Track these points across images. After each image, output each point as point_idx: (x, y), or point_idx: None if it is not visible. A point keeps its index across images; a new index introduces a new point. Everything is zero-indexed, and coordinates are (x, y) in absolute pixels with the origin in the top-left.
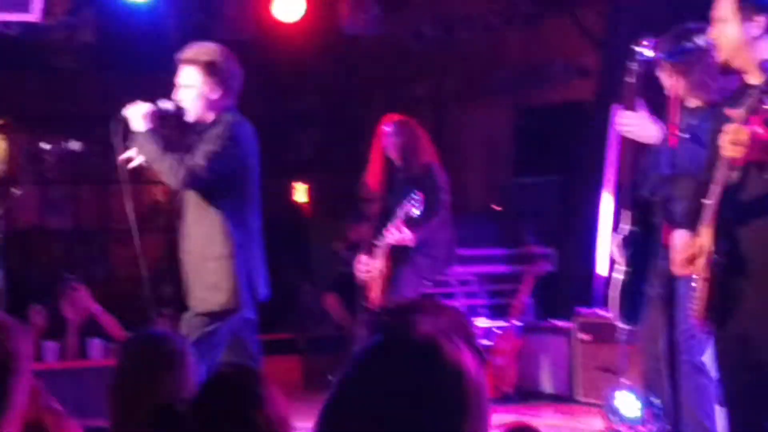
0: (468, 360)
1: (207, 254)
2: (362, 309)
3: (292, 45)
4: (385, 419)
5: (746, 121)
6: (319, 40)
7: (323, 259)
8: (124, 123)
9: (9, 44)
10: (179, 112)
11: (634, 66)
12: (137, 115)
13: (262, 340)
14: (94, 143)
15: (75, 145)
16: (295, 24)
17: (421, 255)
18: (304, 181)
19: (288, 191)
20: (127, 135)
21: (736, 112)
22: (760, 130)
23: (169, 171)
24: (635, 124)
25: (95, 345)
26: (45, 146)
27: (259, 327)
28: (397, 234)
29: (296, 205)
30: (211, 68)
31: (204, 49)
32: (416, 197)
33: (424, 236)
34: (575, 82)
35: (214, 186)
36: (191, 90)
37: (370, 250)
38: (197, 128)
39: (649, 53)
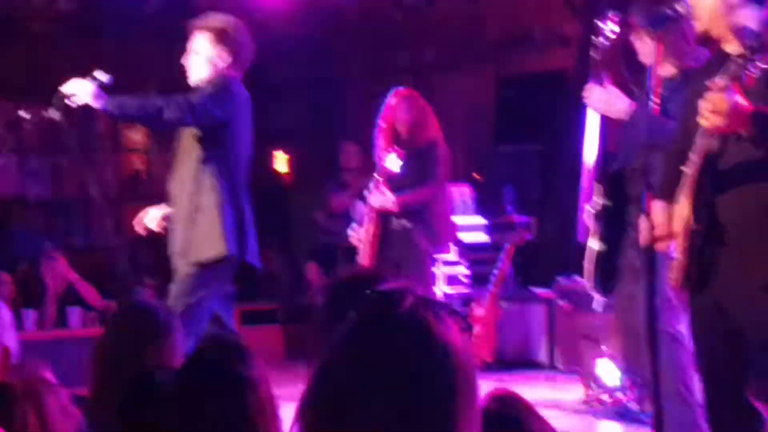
0: (455, 334)
1: (196, 204)
2: None
3: (273, 14)
4: (374, 397)
5: (727, 90)
6: (298, 10)
7: (303, 228)
8: (64, 98)
9: None
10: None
11: (600, 41)
12: (85, 96)
13: (244, 310)
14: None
15: (55, 114)
16: None
17: (423, 234)
18: (285, 150)
19: (268, 160)
20: (68, 110)
21: (718, 82)
22: (741, 99)
23: (157, 110)
24: (603, 99)
25: (75, 314)
26: (25, 115)
27: (238, 297)
28: (379, 197)
29: (277, 174)
30: (222, 36)
31: (218, 18)
32: (394, 157)
33: (410, 204)
34: (556, 50)
35: (205, 135)
36: (200, 55)
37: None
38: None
39: (615, 28)
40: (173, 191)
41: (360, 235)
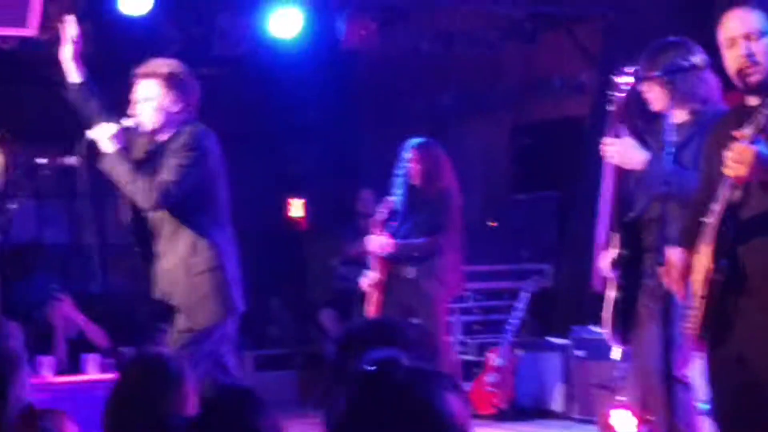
0: (452, 400)
1: (192, 269)
2: None
3: (289, 60)
4: None
5: (752, 141)
6: (316, 56)
7: (320, 274)
8: (89, 144)
9: (6, 58)
10: (136, 125)
11: (615, 94)
12: (104, 136)
13: (258, 355)
14: (92, 158)
15: (72, 160)
16: (293, 39)
17: (431, 283)
18: (301, 196)
19: (285, 206)
20: (92, 156)
21: (744, 132)
22: (764, 149)
23: (141, 192)
24: (620, 152)
25: (91, 360)
26: (41, 161)
27: (255, 343)
28: (374, 240)
29: (292, 221)
30: (171, 81)
31: (163, 62)
32: (386, 202)
33: (413, 251)
34: (572, 98)
35: (188, 199)
36: (150, 103)
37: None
38: (158, 144)
39: (629, 80)
40: (159, 248)
41: (369, 281)
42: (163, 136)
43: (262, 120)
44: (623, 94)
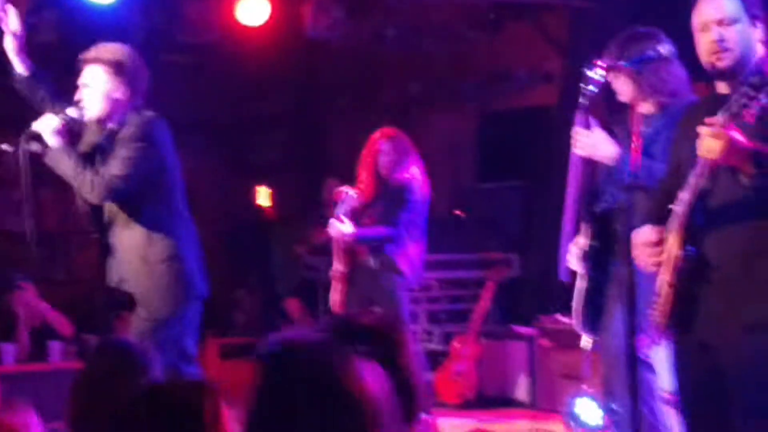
0: (363, 375)
1: (150, 258)
2: (325, 313)
3: (256, 48)
4: None
5: (725, 126)
6: (283, 44)
7: (285, 262)
8: (34, 136)
9: None
10: (81, 114)
11: (587, 89)
12: (48, 129)
13: (223, 344)
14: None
15: (35, 147)
16: (259, 27)
17: (390, 273)
18: (268, 185)
19: (251, 194)
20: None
21: (717, 118)
22: (739, 135)
23: (87, 186)
24: (590, 144)
25: (55, 348)
26: (7, 148)
27: (219, 331)
28: (335, 225)
29: (259, 209)
30: (117, 67)
31: (110, 48)
32: (351, 192)
33: (369, 240)
34: (539, 87)
35: (139, 191)
36: (96, 89)
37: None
38: (104, 132)
39: (602, 73)
40: (115, 237)
41: (333, 272)
42: (111, 124)
43: (229, 108)
44: (595, 87)
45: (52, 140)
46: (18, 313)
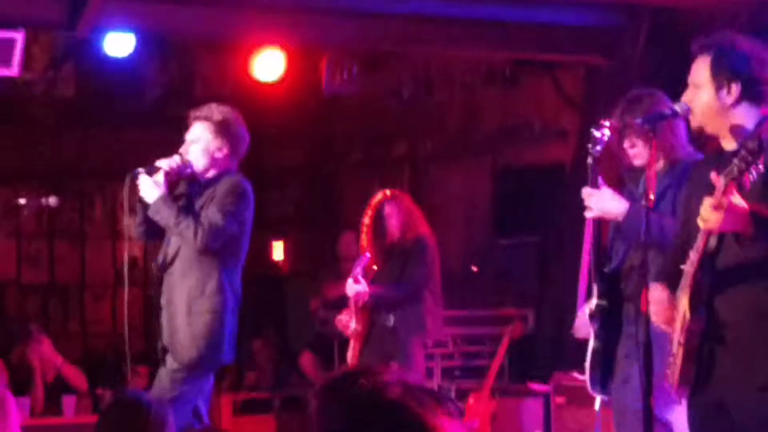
0: (441, 420)
1: (195, 307)
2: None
3: (271, 104)
4: None
5: (725, 191)
6: (298, 99)
7: (299, 316)
8: (134, 183)
9: None
10: (182, 164)
11: (594, 148)
12: (148, 185)
13: (236, 399)
14: (72, 198)
15: (52, 200)
16: (275, 83)
17: (408, 330)
18: (282, 239)
19: (266, 249)
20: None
21: (717, 180)
22: (737, 200)
23: (191, 233)
24: (598, 203)
25: (69, 401)
26: (22, 201)
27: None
28: (353, 285)
29: (273, 263)
30: (222, 127)
31: (219, 109)
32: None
33: (386, 299)
34: (553, 143)
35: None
36: (199, 145)
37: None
38: (201, 184)
39: (608, 132)
40: (171, 279)
41: (348, 326)
42: (207, 175)
43: (243, 162)
44: (601, 146)
45: (152, 193)
46: (34, 366)
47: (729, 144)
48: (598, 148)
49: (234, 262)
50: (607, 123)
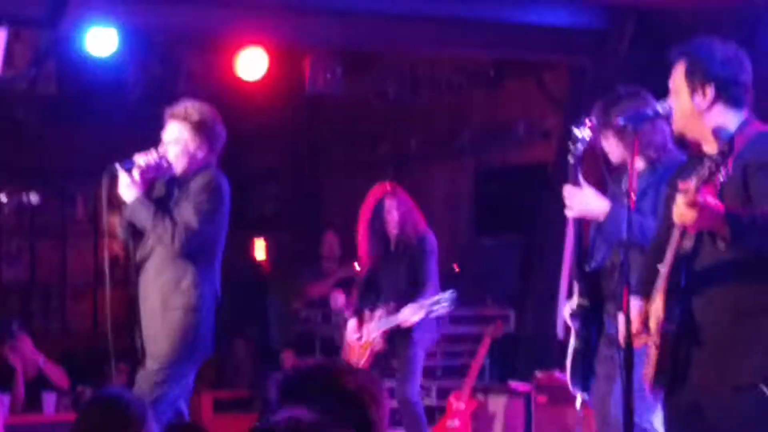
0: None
1: (170, 304)
2: None
3: (254, 102)
4: None
5: (698, 191)
6: (281, 98)
7: (281, 315)
8: (113, 176)
9: None
10: (160, 161)
11: (575, 148)
12: (125, 185)
13: (217, 398)
14: (54, 197)
15: (34, 198)
16: (258, 82)
17: (420, 330)
18: (263, 238)
19: (247, 247)
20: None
21: (688, 183)
22: (711, 200)
23: (167, 237)
24: (581, 202)
25: (49, 399)
26: (2, 198)
27: (214, 384)
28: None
29: (255, 262)
30: (200, 126)
31: (195, 107)
32: (448, 297)
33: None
34: (537, 143)
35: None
36: (177, 145)
37: (361, 317)
38: (178, 181)
39: (588, 132)
40: (146, 276)
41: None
42: (184, 175)
43: (226, 161)
44: (583, 145)
45: (129, 194)
46: (14, 364)
47: (710, 147)
48: (580, 147)
49: (210, 259)
50: (588, 122)
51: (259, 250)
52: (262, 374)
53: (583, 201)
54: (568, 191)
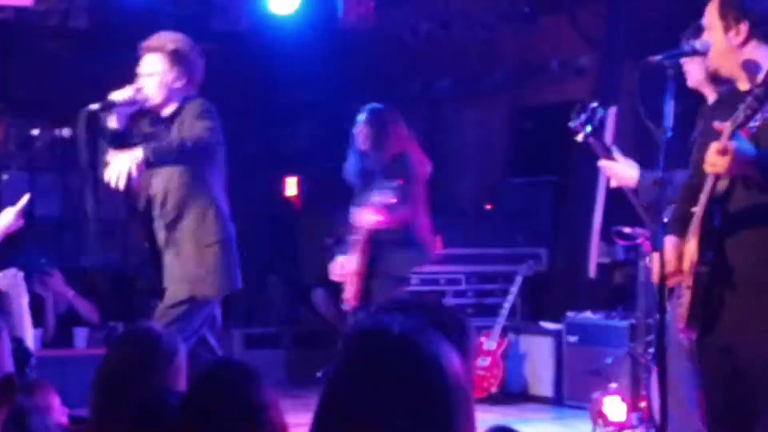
0: (449, 356)
1: (201, 240)
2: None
3: (286, 37)
4: (373, 417)
5: (731, 136)
6: (314, 33)
7: (312, 253)
8: (88, 117)
9: (2, 29)
10: (137, 96)
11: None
12: (135, 156)
13: (247, 334)
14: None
15: (66, 132)
16: (291, 17)
17: (399, 253)
18: (296, 175)
19: (280, 184)
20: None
21: (723, 126)
22: (745, 143)
23: (187, 144)
24: (614, 175)
25: (81, 333)
26: (35, 132)
27: (244, 320)
28: (366, 217)
29: (286, 199)
30: (176, 56)
31: (170, 38)
32: (391, 185)
33: (390, 224)
34: (571, 81)
35: (203, 165)
36: (154, 78)
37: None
38: (162, 118)
39: (583, 122)
40: (168, 219)
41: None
42: (166, 111)
43: (259, 97)
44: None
45: (143, 154)
46: (44, 298)
47: (743, 85)
48: (586, 129)
49: (222, 184)
50: (593, 104)
51: (291, 187)
52: (293, 311)
53: (616, 173)
54: (605, 165)
